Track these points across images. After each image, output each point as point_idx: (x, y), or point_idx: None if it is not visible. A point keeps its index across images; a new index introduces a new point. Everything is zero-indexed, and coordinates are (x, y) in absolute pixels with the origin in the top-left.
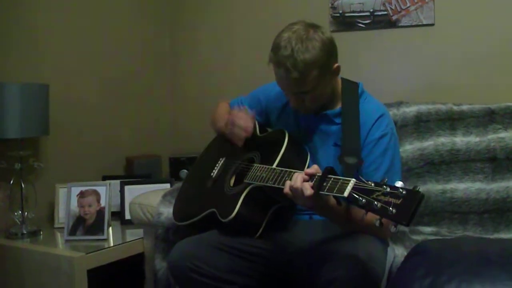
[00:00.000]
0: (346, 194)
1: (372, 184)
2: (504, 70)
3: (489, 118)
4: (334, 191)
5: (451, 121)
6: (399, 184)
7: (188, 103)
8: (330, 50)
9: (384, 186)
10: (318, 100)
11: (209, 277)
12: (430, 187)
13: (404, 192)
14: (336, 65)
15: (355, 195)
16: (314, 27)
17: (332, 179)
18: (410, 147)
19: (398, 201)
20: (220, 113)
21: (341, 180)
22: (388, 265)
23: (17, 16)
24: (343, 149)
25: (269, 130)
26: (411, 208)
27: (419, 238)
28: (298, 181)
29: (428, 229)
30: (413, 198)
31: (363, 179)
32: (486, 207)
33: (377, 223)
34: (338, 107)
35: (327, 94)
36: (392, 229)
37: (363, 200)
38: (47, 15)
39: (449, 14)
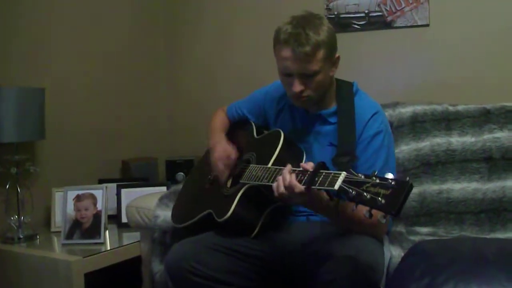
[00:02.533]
0: (336, 187)
1: (362, 176)
2: (499, 70)
3: (484, 118)
4: (325, 185)
5: (447, 121)
6: (389, 175)
7: (185, 106)
8: (334, 37)
9: (374, 178)
10: (319, 89)
11: (207, 279)
12: (426, 188)
13: (393, 183)
14: (337, 55)
15: (345, 188)
16: (319, 16)
17: (323, 173)
18: (406, 148)
19: (387, 192)
20: (213, 127)
21: (332, 174)
22: (385, 266)
23: (13, 21)
24: (339, 151)
25: (266, 132)
26: (400, 197)
27: (415, 238)
28: (286, 173)
29: (424, 229)
30: (401, 188)
31: (354, 172)
32: (483, 207)
33: (367, 214)
34: (333, 106)
35: (326, 87)
36: (382, 219)
37: (353, 192)
38: (44, 19)
39: (444, 15)
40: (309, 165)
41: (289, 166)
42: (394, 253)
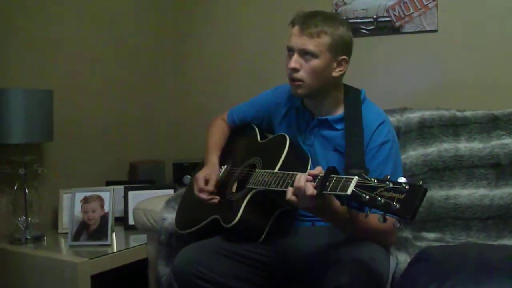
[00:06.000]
0: (349, 191)
1: (375, 181)
2: (507, 76)
3: (492, 124)
4: (337, 190)
5: (455, 127)
6: (402, 179)
7: (192, 109)
8: (345, 40)
9: (387, 182)
10: (313, 76)
11: (214, 284)
12: (434, 193)
13: (407, 187)
14: (343, 57)
15: (358, 192)
16: (341, 18)
17: (334, 178)
18: (413, 153)
19: (402, 196)
20: (208, 143)
21: (344, 179)
22: (391, 272)
23: (21, 22)
24: (347, 161)
25: (270, 136)
26: (415, 202)
27: (422, 244)
28: (301, 180)
29: (431, 235)
30: (416, 192)
31: (366, 177)
32: (490, 213)
33: (381, 219)
34: (340, 113)
35: (322, 82)
36: (396, 224)
37: (367, 197)
38: (51, 21)
39: (452, 21)
40: (318, 170)
41: (302, 174)
42: (400, 258)
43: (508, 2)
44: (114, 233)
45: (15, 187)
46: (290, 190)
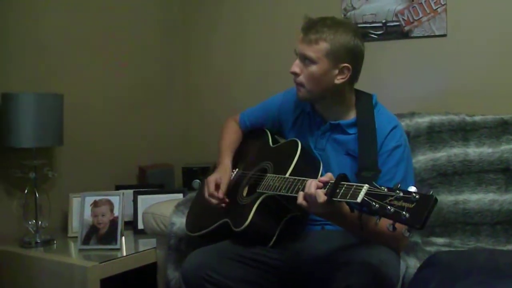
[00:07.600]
0: (359, 199)
1: (385, 190)
2: None
3: (502, 129)
4: (348, 197)
5: (464, 131)
6: (412, 189)
7: (201, 112)
8: (349, 48)
9: (397, 191)
10: (311, 81)
11: (222, 287)
12: (443, 198)
13: (417, 197)
14: (345, 64)
15: (368, 201)
16: (349, 24)
17: (345, 185)
18: (422, 158)
19: (411, 205)
20: (221, 144)
21: (354, 186)
22: (401, 276)
23: (31, 27)
24: (360, 164)
25: (281, 141)
26: (425, 212)
27: (431, 249)
28: (312, 187)
29: (440, 240)
30: (426, 202)
31: (376, 185)
32: (499, 218)
33: (390, 228)
34: (352, 117)
35: (321, 87)
36: (406, 233)
37: (376, 205)
38: (61, 25)
39: (461, 25)
40: (328, 176)
41: (312, 180)
42: (409, 263)
43: None
44: (123, 237)
45: (26, 191)
46: (301, 195)
